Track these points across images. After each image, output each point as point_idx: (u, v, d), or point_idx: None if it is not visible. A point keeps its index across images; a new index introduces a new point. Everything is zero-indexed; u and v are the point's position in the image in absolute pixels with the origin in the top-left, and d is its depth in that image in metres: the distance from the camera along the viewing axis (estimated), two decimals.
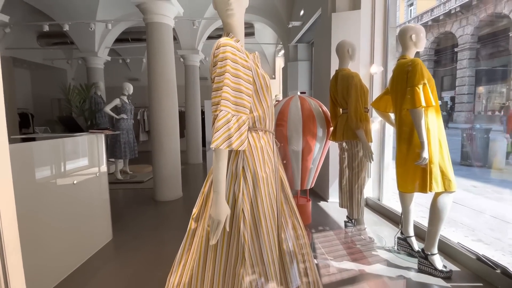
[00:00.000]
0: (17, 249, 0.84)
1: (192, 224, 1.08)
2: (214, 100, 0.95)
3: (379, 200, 3.30)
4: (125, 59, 8.54)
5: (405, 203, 2.12)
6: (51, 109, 8.65)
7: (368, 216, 2.99)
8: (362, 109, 2.18)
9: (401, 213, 2.18)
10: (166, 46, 3.66)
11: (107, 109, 4.70)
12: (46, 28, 4.86)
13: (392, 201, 3.22)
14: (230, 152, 1.02)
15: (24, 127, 7.66)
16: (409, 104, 1.83)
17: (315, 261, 2.09)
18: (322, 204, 3.50)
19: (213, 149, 0.92)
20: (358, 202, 2.31)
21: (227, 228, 0.98)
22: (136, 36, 7.37)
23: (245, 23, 7.31)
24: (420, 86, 1.80)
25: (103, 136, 2.50)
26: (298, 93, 2.78)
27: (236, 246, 1.00)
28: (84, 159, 2.25)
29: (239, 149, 0.94)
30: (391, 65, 3.24)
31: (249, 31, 7.40)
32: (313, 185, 2.71)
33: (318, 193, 3.90)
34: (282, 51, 7.66)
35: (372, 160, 2.16)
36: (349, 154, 2.33)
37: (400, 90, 1.95)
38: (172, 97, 3.73)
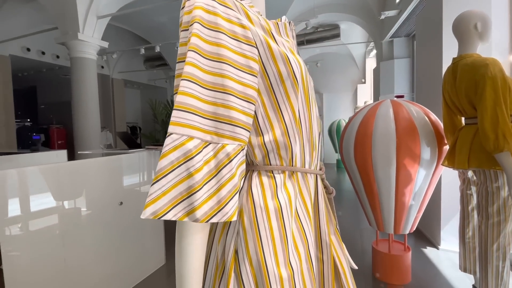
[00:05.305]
0: None
1: None
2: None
3: None
4: None
5: None
6: (154, 123, 9.97)
7: None
8: (507, 118, 1.29)
9: None
10: None
11: None
12: (142, 51, 5.42)
13: None
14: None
15: None
16: None
17: None
18: (429, 252, 2.46)
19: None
20: (497, 273, 1.36)
21: None
22: None
23: (328, 25, 6.65)
24: None
25: (159, 152, 2.35)
26: (393, 97, 2.01)
27: None
28: (136, 177, 2.12)
29: (217, 220, 0.41)
30: None
31: (335, 33, 6.69)
32: (414, 229, 1.87)
33: (424, 233, 2.85)
34: (374, 51, 6.60)
35: None
36: (481, 192, 1.42)
37: None
38: None
